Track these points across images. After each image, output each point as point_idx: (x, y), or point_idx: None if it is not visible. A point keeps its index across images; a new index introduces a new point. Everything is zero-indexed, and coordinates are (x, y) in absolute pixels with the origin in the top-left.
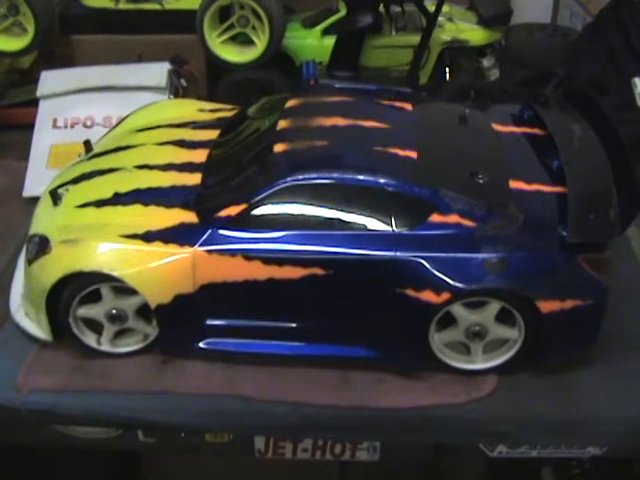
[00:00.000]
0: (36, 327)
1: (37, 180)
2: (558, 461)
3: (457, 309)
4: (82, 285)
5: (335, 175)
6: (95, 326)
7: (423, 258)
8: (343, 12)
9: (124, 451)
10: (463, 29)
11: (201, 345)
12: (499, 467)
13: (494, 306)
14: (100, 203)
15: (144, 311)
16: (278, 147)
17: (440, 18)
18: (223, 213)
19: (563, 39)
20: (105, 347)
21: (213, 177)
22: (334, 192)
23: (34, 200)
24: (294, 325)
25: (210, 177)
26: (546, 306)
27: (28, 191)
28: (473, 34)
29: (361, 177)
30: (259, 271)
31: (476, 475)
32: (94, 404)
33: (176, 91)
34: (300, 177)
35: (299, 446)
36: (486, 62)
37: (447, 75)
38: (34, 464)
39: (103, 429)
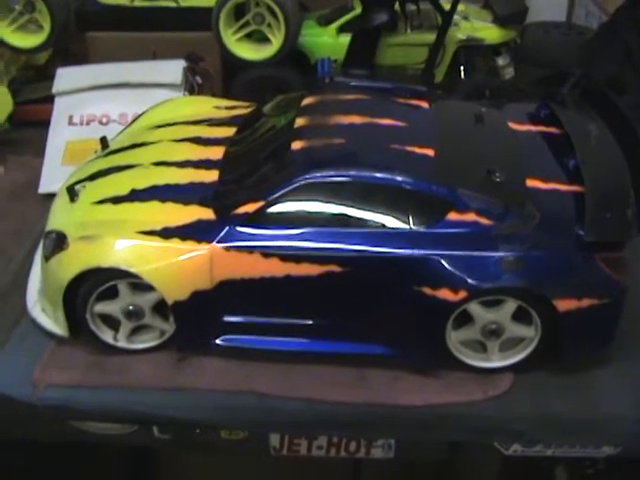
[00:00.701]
0: (53, 323)
1: (53, 177)
2: (572, 460)
3: (474, 307)
4: (99, 281)
5: (352, 173)
6: (112, 322)
7: (440, 256)
8: (359, 10)
9: (139, 447)
10: (478, 28)
11: (218, 342)
12: (513, 466)
13: (511, 305)
14: (117, 200)
15: (161, 308)
16: (296, 145)
17: (455, 16)
18: (241, 210)
19: (579, 38)
20: (122, 343)
21: (230, 174)
22: (351, 190)
23: (50, 196)
24: (311, 322)
25: (227, 174)
26: (563, 305)
27: (44, 187)
28: (488, 33)
29: (378, 175)
30: (276, 268)
31: (490, 473)
32: (110, 400)
33: (191, 88)
34: (318, 175)
35: (314, 443)
36: (501, 61)
37: (462, 73)
38: (48, 459)
39: (118, 425)
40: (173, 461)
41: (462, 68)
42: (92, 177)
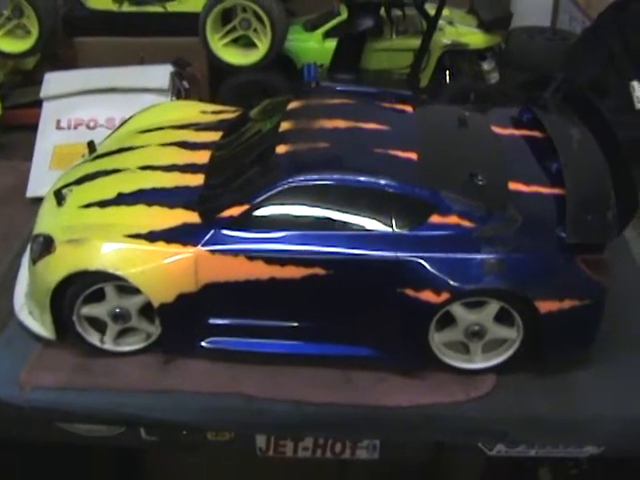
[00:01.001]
0: (40, 326)
1: (40, 180)
2: (555, 461)
3: (456, 309)
4: (86, 284)
5: (336, 176)
6: (98, 325)
7: (423, 258)
8: (344, 15)
9: (126, 448)
10: (463, 32)
11: (204, 344)
12: (497, 467)
13: (493, 306)
14: (104, 203)
15: (147, 310)
16: (280, 148)
17: (440, 22)
18: (226, 213)
19: (563, 43)
20: (108, 346)
21: (216, 178)
22: (335, 193)
23: (38, 200)
24: (296, 324)
25: (213, 178)
26: (544, 306)
27: (31, 191)
28: (473, 37)
29: (362, 178)
30: (261, 271)
31: (474, 474)
32: (97, 402)
33: (178, 93)
34: (302, 178)
35: (300, 445)
36: (486, 65)
37: (447, 78)
38: (36, 460)
39: (106, 427)
40: (160, 460)
41: (447, 73)
42: (79, 181)
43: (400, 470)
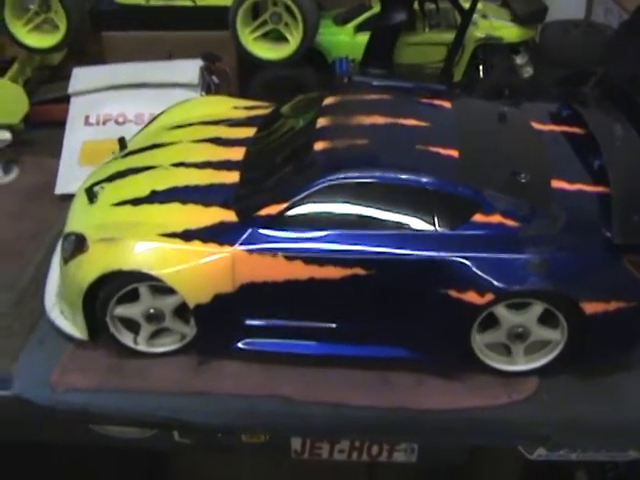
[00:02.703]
0: (72, 326)
1: (69, 177)
2: (593, 464)
3: (500, 310)
4: (120, 284)
5: (377, 174)
6: (132, 325)
7: (466, 258)
8: (377, 8)
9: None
10: (497, 26)
11: (240, 345)
12: (533, 470)
13: (537, 308)
14: (137, 201)
15: (181, 311)
16: (318, 145)
17: (474, 15)
18: (263, 212)
19: (598, 36)
20: (142, 347)
21: (252, 175)
22: (376, 191)
23: (67, 197)
24: (334, 325)
25: (249, 175)
26: (590, 308)
27: (60, 188)
28: (507, 31)
29: (403, 176)
30: (300, 271)
31: (511, 477)
32: (130, 404)
33: (208, 88)
34: (341, 176)
35: (336, 447)
36: (519, 59)
37: (481, 72)
38: (62, 459)
39: (138, 429)
40: (186, 461)
41: (481, 67)
42: (111, 178)
43: (432, 473)
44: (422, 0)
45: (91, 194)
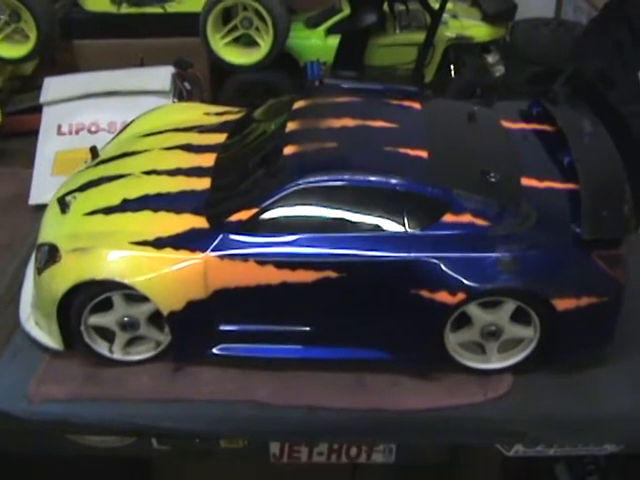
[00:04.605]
0: (47, 336)
1: (43, 187)
2: (572, 458)
3: (472, 309)
4: (93, 293)
5: (346, 177)
6: (107, 334)
7: (437, 258)
8: (347, 11)
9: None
10: (467, 26)
11: (214, 351)
12: (512, 466)
13: (509, 305)
14: (109, 210)
15: (156, 318)
16: (288, 149)
17: (444, 15)
18: (234, 217)
19: (568, 34)
20: (117, 355)
21: (222, 181)
22: (346, 194)
23: (41, 207)
24: (308, 329)
25: (219, 181)
26: (561, 304)
27: (34, 199)
28: (477, 30)
29: (373, 178)
30: (272, 275)
31: (489, 475)
32: (107, 413)
33: (180, 95)
34: (311, 179)
35: (314, 450)
36: (491, 58)
37: (452, 72)
38: (44, 470)
39: (116, 437)
40: (170, 466)
41: (452, 67)
42: (83, 188)
43: (414, 472)
44: (392, 1)
45: (63, 204)
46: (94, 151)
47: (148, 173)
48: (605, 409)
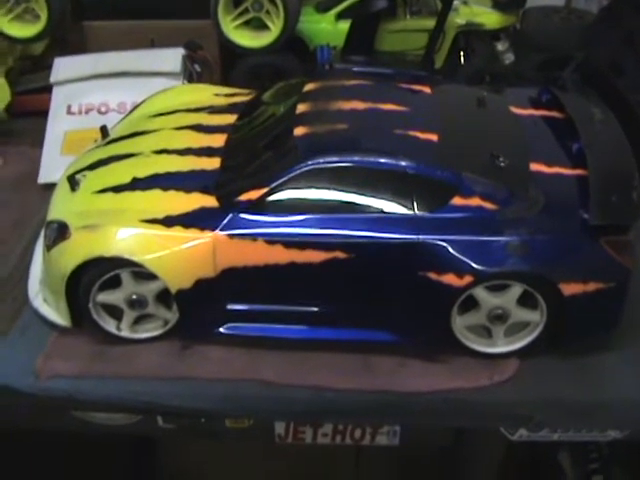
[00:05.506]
0: (55, 313)
1: (52, 167)
2: (575, 445)
3: (479, 292)
4: (102, 271)
5: (356, 158)
6: (115, 312)
7: (445, 241)
8: None
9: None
10: (478, 13)
11: (222, 330)
12: (516, 452)
13: (516, 289)
14: (118, 188)
15: (164, 296)
16: (298, 130)
17: (455, 2)
18: (244, 197)
19: (578, 22)
20: (125, 333)
21: (232, 161)
22: (355, 175)
23: (49, 186)
24: (315, 309)
25: (229, 161)
26: (568, 289)
27: (43, 178)
28: (488, 17)
29: (382, 160)
30: (280, 255)
31: (494, 460)
32: (113, 390)
33: (190, 76)
34: (321, 160)
35: (319, 431)
36: (500, 46)
37: (462, 59)
38: (51, 448)
39: (122, 415)
40: (177, 446)
41: (462, 53)
42: (92, 166)
43: (418, 454)
44: None
45: (73, 182)
46: (104, 130)
47: (158, 152)
48: (610, 394)
